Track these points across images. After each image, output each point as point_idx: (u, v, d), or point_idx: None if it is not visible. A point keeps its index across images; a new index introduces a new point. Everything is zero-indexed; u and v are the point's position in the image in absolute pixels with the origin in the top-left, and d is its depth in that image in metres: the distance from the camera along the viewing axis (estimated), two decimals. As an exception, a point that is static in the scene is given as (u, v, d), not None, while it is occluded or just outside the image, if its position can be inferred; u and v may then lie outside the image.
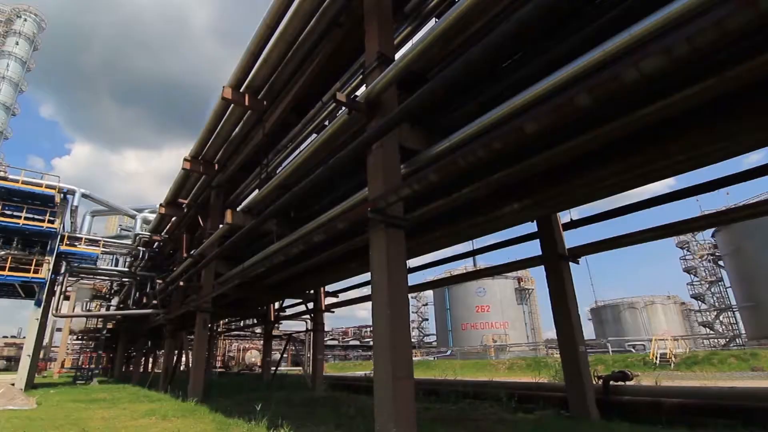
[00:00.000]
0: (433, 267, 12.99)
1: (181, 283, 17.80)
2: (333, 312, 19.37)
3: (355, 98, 6.96)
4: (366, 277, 14.79)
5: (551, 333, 50.76)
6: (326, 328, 20.57)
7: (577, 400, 8.84)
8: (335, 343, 71.07)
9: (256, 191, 12.78)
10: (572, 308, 9.27)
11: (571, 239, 10.63)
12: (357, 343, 72.09)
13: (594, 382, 9.38)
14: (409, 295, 6.55)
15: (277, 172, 11.73)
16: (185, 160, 15.31)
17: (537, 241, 10.16)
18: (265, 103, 11.65)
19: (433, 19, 8.31)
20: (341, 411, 10.07)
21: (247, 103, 11.74)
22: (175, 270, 19.36)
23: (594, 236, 10.18)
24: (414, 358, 8.22)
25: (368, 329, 70.92)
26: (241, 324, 34.49)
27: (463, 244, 12.39)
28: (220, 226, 13.35)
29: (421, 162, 6.69)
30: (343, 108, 7.35)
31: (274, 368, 22.90)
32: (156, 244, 25.31)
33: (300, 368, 34.69)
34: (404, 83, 6.78)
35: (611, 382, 9.63)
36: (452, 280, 17.57)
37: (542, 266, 9.94)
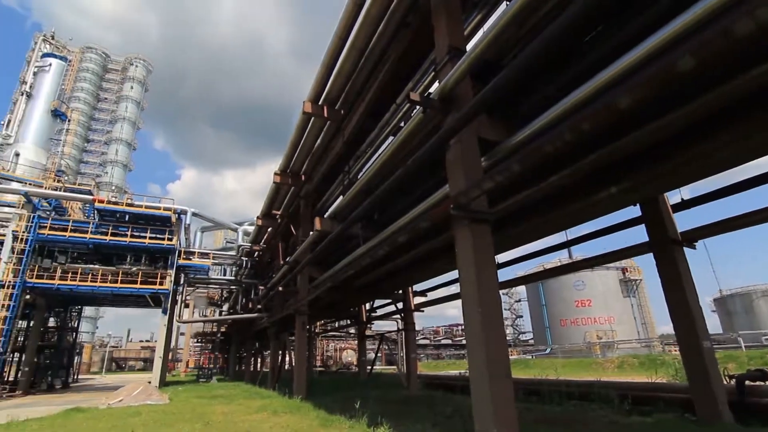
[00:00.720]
0: (524, 261, 12.40)
1: (280, 289, 19.14)
2: (422, 311, 19.42)
3: (429, 96, 6.91)
4: (454, 274, 14.61)
5: (667, 328, 45.60)
6: (417, 328, 20.66)
7: (705, 401, 7.82)
8: (427, 342, 71.12)
9: (341, 197, 13.28)
10: (691, 299, 8.23)
11: (686, 221, 9.43)
12: (449, 342, 71.42)
13: (725, 382, 8.22)
14: (501, 292, 6.32)
15: (359, 177, 12.08)
16: (275, 174, 16.43)
17: (642, 227, 9.20)
18: (342, 112, 12.08)
19: (504, 2, 7.96)
20: (437, 410, 10.03)
21: (325, 115, 12.27)
22: (273, 276, 20.86)
23: (713, 216, 8.91)
24: (510, 357, 7.89)
25: (459, 328, 69.89)
26: (336, 325, 36.05)
27: (555, 235, 11.67)
28: (311, 233, 14.10)
29: (503, 152, 6.43)
30: (418, 107, 7.35)
31: (369, 367, 23.59)
32: (256, 253, 27.52)
33: (394, 367, 35.30)
34: (478, 74, 6.58)
35: (747, 382, 8.37)
36: (546, 274, 16.57)
37: (651, 254, 8.97)
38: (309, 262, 14.08)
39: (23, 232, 22.51)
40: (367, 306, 23.27)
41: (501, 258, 12.12)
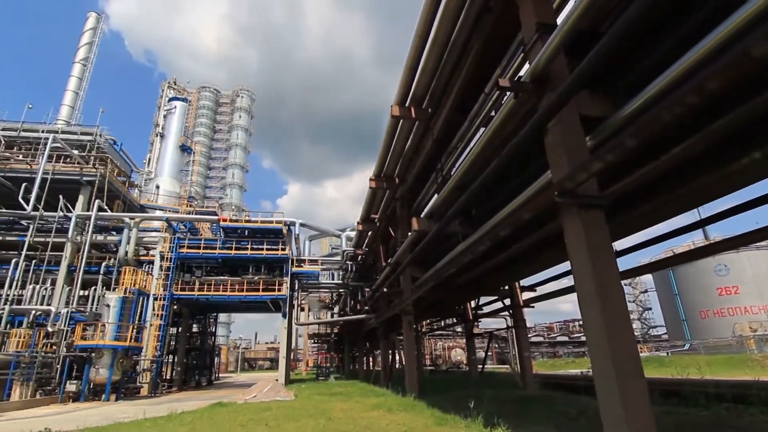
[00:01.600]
0: (648, 247, 11.03)
1: (385, 290, 19.66)
2: (532, 307, 18.38)
3: (520, 79, 6.54)
4: (565, 266, 13.58)
5: None
6: (528, 325, 19.64)
7: None
8: (540, 339, 67.35)
9: (435, 196, 13.22)
10: None
11: None
12: (565, 339, 66.72)
13: None
14: (623, 282, 5.69)
15: (452, 174, 11.90)
16: (370, 179, 16.97)
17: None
18: (429, 110, 12.03)
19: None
20: (558, 411, 9.40)
21: (413, 115, 12.33)
22: (377, 278, 21.51)
23: None
24: (641, 354, 7.04)
25: (576, 323, 64.94)
26: (442, 324, 35.92)
27: (683, 215, 10.20)
28: (409, 234, 14.26)
29: (611, 128, 5.81)
30: (508, 93, 7.00)
31: (480, 366, 23.04)
32: (359, 257, 28.68)
33: (507, 366, 34.01)
34: (572, 48, 6.04)
35: None
36: (677, 259, 14.51)
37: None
38: (410, 262, 14.23)
39: (168, 252, 26.38)
40: (473, 304, 22.78)
41: (619, 245, 10.95)
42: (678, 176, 6.93)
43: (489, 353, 23.98)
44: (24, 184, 25.52)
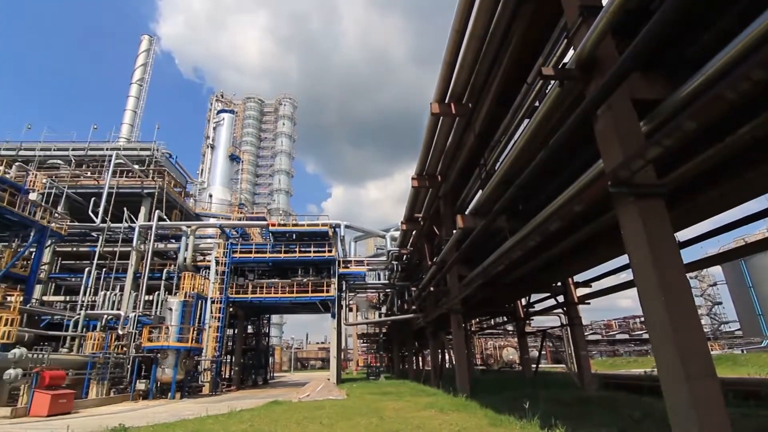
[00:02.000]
0: (716, 236, 10.20)
1: (431, 289, 19.54)
2: (588, 303, 17.58)
3: (564, 66, 6.27)
4: (623, 260, 12.86)
5: None
6: (584, 322, 18.80)
7: None
8: (598, 337, 64.23)
9: (480, 192, 12.96)
10: None
11: None
12: (625, 336, 63.23)
13: None
14: (688, 275, 5.31)
15: (496, 168, 11.62)
16: (412, 178, 16.92)
17: None
18: (470, 105, 11.82)
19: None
20: (622, 413, 8.91)
21: (453, 111, 12.17)
22: (423, 277, 21.42)
23: None
24: (712, 352, 6.50)
25: (637, 320, 61.41)
26: (492, 322, 35.17)
27: (755, 200, 9.35)
28: (454, 231, 14.08)
29: (667, 111, 5.44)
30: (553, 82, 6.74)
31: (534, 365, 22.33)
32: (404, 256, 28.69)
33: (562, 366, 32.74)
34: (621, 28, 5.72)
35: None
36: (750, 248, 13.31)
37: None
38: (456, 260, 14.05)
39: (222, 257, 27.65)
40: (524, 301, 22.13)
41: (682, 235, 10.21)
42: (747, 159, 6.38)
43: (543, 352, 23.19)
44: (93, 199, 27.71)
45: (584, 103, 5.45)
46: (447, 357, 24.22)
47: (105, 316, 22.92)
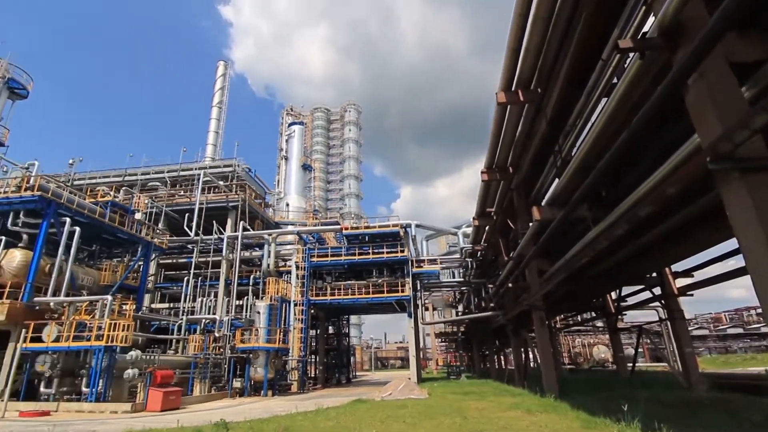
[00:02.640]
0: None
1: (510, 285, 18.84)
2: (691, 295, 15.84)
3: (644, 36, 5.73)
4: (729, 245, 11.42)
5: None
6: (687, 315, 16.98)
7: None
8: (705, 332, 57.71)
9: (556, 181, 12.27)
10: None
11: None
12: (739, 330, 56.09)
13: None
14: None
15: (573, 155, 10.92)
16: (482, 172, 16.47)
17: None
18: (539, 90, 11.24)
19: None
20: (738, 416, 7.90)
21: (521, 99, 11.64)
22: (500, 274, 20.74)
23: None
24: None
25: (752, 311, 54.23)
26: (579, 318, 33.09)
27: None
28: (530, 224, 13.46)
29: (777, 71, 4.74)
30: (632, 55, 6.19)
31: (630, 364, 20.60)
32: (478, 253, 28.00)
33: (662, 364, 29.84)
34: (712, -16, 5.09)
35: None
36: None
37: None
38: (534, 254, 13.43)
39: (301, 261, 29.06)
40: (614, 295, 20.55)
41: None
42: None
43: (639, 350, 21.34)
44: (187, 215, 30.66)
45: (671, 73, 4.93)
46: (531, 356, 23.18)
47: (203, 321, 25.14)
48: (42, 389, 15.72)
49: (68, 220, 18.82)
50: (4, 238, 18.24)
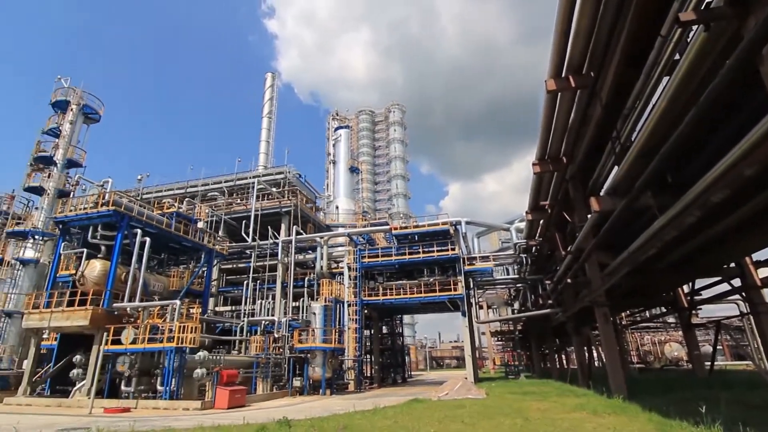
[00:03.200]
0: None
1: (569, 281, 18.02)
2: (778, 286, 14.36)
3: (709, 6, 5.25)
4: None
5: None
6: (773, 309, 15.37)
7: None
8: (795, 328, 51.95)
9: (615, 169, 11.58)
10: None
11: None
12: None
13: None
14: None
15: (633, 139, 10.25)
16: (533, 164, 15.88)
17: None
18: (592, 74, 10.66)
19: None
20: None
21: (573, 85, 11.10)
22: (557, 269, 19.90)
23: None
24: None
25: None
26: (647, 314, 31.04)
27: None
28: (588, 216, 12.80)
29: None
30: (695, 28, 5.70)
31: (708, 363, 19.01)
32: (533, 248, 27.05)
33: (746, 362, 27.26)
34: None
35: None
36: None
37: None
38: (594, 247, 12.76)
39: (353, 263, 29.52)
40: (686, 288, 19.07)
41: None
42: None
43: (718, 347, 19.65)
44: (244, 221, 32.14)
45: (742, 44, 4.48)
46: (595, 354, 22.03)
47: (263, 322, 26.22)
48: (122, 387, 17.10)
49: (139, 231, 20.34)
50: (85, 250, 20.09)
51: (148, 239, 20.44)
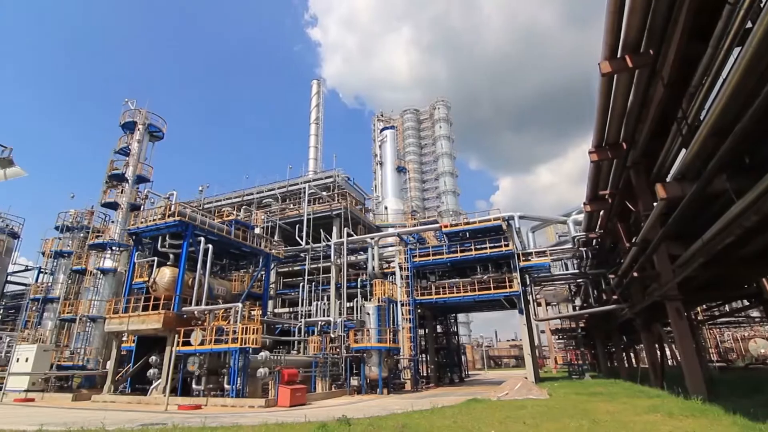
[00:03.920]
0: None
1: (635, 274, 16.92)
2: None
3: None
4: None
5: None
6: None
7: None
8: None
9: (683, 152, 10.73)
10: None
11: None
12: None
13: None
14: None
15: (702, 118, 9.44)
16: (590, 152, 15.09)
17: None
18: (651, 52, 9.94)
19: None
20: None
21: (630, 65, 10.42)
22: (621, 262, 18.75)
23: None
24: None
25: None
26: (727, 308, 28.47)
27: None
28: (654, 204, 11.95)
29: None
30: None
31: (803, 362, 17.09)
32: (593, 241, 25.70)
33: None
34: None
35: None
36: None
37: None
38: (663, 237, 11.88)
39: (404, 262, 29.53)
40: (771, 279, 17.27)
41: None
42: None
43: (815, 344, 17.66)
44: (297, 226, 33.17)
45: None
46: (668, 352, 20.49)
47: (319, 323, 26.90)
48: (193, 386, 18.21)
49: (202, 239, 21.60)
50: (156, 258, 21.65)
51: (210, 246, 21.64)
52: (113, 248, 26.59)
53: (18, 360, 22.54)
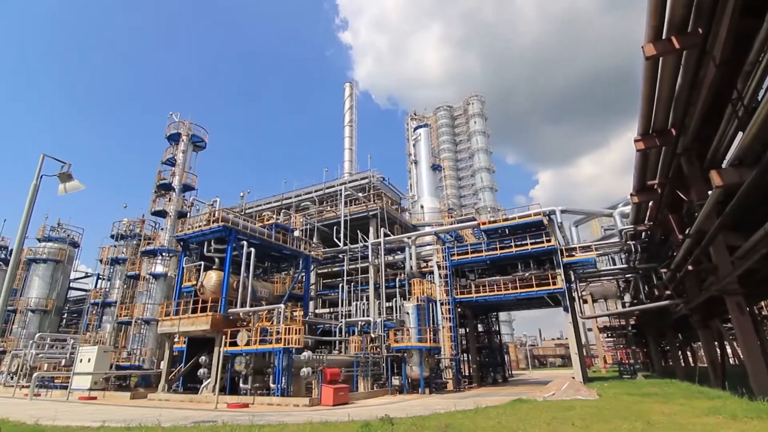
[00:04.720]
0: None
1: (690, 268, 15.94)
2: None
3: None
4: None
5: None
6: None
7: None
8: None
9: (739, 135, 10.00)
10: None
11: None
12: None
13: None
14: None
15: (759, 98, 8.76)
16: (636, 140, 14.37)
17: None
18: (700, 30, 9.32)
19: None
20: None
21: (677, 46, 9.83)
22: (674, 255, 17.72)
23: None
24: None
25: None
26: (796, 303, 26.26)
27: None
28: (709, 192, 11.21)
29: None
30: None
31: None
32: (642, 234, 24.44)
33: None
34: None
35: None
36: None
37: None
38: (720, 228, 11.12)
39: (442, 261, 29.26)
40: None
41: None
42: None
43: None
44: (335, 227, 33.66)
45: None
46: (729, 350, 19.15)
47: (359, 323, 27.13)
48: (241, 385, 18.85)
49: (245, 243, 22.34)
50: (203, 262, 22.59)
51: (252, 249, 22.32)
52: (163, 254, 28.01)
53: (81, 361, 24.15)
